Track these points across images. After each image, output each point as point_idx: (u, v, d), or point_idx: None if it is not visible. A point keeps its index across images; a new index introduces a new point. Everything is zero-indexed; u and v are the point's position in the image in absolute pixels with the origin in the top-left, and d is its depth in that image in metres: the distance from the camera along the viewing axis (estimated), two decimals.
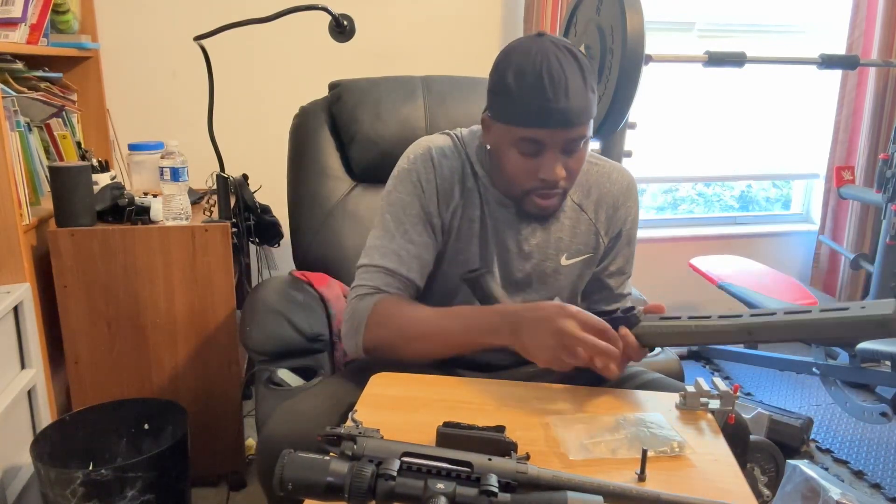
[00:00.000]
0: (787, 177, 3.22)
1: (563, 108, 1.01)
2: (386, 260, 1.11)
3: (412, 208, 1.13)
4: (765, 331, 0.86)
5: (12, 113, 1.58)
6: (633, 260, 1.29)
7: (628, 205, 1.23)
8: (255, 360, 1.48)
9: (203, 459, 1.81)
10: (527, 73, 1.01)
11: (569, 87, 1.01)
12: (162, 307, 1.73)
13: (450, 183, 1.15)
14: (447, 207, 1.15)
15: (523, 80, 1.01)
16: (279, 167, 1.81)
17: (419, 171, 1.14)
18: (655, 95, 2.74)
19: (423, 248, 1.13)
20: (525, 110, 1.02)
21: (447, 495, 0.60)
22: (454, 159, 1.16)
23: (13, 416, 1.50)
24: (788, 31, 2.91)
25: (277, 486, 0.62)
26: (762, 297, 2.24)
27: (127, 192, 1.78)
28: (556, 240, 1.19)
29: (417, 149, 1.17)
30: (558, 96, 1.00)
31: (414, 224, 1.13)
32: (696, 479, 0.81)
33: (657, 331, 0.96)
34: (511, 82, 1.02)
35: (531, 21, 2.44)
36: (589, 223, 1.21)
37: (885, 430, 2.26)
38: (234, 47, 2.21)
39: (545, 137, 1.04)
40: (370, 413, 0.93)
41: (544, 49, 1.02)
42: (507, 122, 1.05)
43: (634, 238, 1.27)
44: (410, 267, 1.12)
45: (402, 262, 1.11)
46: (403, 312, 1.08)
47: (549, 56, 1.01)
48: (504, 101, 1.04)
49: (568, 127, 1.03)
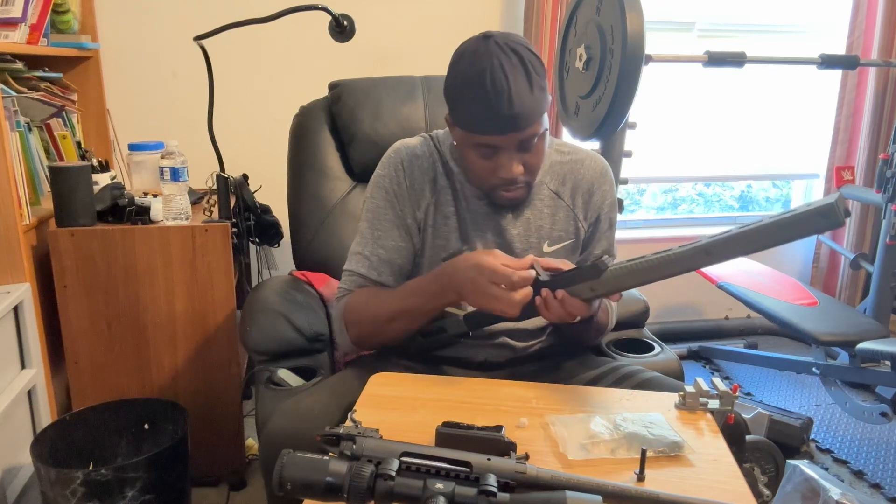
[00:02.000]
0: (787, 177, 3.22)
1: (509, 115, 1.04)
2: (359, 266, 1.20)
3: (385, 214, 1.19)
4: (722, 247, 0.88)
5: (12, 113, 1.58)
6: (614, 244, 1.32)
7: (604, 189, 1.26)
8: (255, 360, 1.48)
9: (203, 459, 1.81)
10: (472, 82, 1.04)
11: (512, 92, 1.03)
12: (162, 307, 1.73)
13: (420, 183, 1.19)
14: (420, 207, 1.20)
15: (469, 90, 1.05)
16: (279, 167, 1.81)
17: (390, 177, 1.20)
18: (655, 95, 2.74)
19: (394, 252, 1.19)
20: (473, 118, 1.06)
21: (446, 495, 0.60)
22: (425, 159, 1.21)
23: (13, 416, 1.50)
24: (788, 31, 2.91)
25: (277, 486, 0.62)
26: (762, 297, 2.24)
27: (127, 192, 1.78)
28: (536, 228, 1.22)
29: (389, 153, 1.23)
30: (501, 104, 1.03)
31: (387, 230, 1.19)
32: (695, 479, 0.81)
33: (621, 272, 0.96)
34: (458, 90, 1.07)
35: (531, 21, 2.44)
36: (567, 210, 1.24)
37: (885, 430, 2.26)
38: (234, 47, 2.21)
39: (497, 141, 1.07)
40: (369, 413, 0.93)
41: (489, 54, 1.04)
42: (462, 126, 1.09)
43: (615, 221, 1.30)
44: (381, 272, 1.19)
45: (372, 268, 1.19)
46: (369, 304, 1.16)
47: (493, 61, 1.03)
48: (456, 107, 1.09)
49: (517, 130, 1.06)
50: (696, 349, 2.79)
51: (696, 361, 2.78)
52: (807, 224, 0.83)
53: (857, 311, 2.43)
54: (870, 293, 2.45)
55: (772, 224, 0.85)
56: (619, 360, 1.32)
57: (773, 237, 0.85)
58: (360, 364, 1.25)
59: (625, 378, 1.17)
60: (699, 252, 0.90)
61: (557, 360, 1.27)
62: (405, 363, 1.21)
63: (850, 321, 2.16)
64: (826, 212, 0.81)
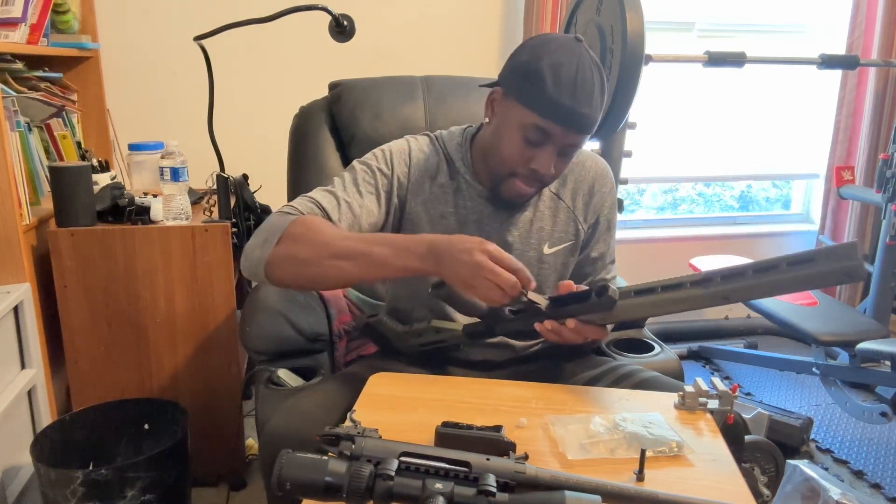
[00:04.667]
0: (787, 177, 3.22)
1: (583, 114, 1.05)
2: (324, 200, 1.11)
3: (374, 178, 1.16)
4: (739, 294, 0.89)
5: (12, 113, 1.59)
6: (613, 246, 1.32)
7: (604, 190, 1.27)
8: (255, 360, 1.48)
9: (203, 459, 1.81)
10: (563, 69, 1.04)
11: (593, 96, 1.05)
12: (162, 307, 1.73)
13: (421, 175, 1.19)
14: (415, 197, 1.18)
15: (559, 75, 1.04)
16: (279, 167, 1.81)
17: (394, 153, 1.19)
18: (655, 95, 2.74)
19: (363, 211, 1.13)
20: (547, 101, 1.04)
21: (445, 495, 0.60)
22: (431, 156, 1.21)
23: (13, 416, 1.50)
24: (788, 31, 2.91)
25: (276, 486, 0.62)
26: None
27: (127, 192, 1.78)
28: (537, 230, 1.22)
29: (398, 140, 1.23)
30: (583, 102, 1.04)
31: (368, 191, 1.15)
32: (694, 479, 0.81)
33: (633, 306, 0.96)
34: (546, 71, 1.04)
35: (531, 21, 2.44)
36: (568, 211, 1.24)
37: (885, 430, 2.25)
38: (234, 47, 2.21)
39: (555, 133, 1.07)
40: (368, 413, 0.93)
41: (581, 54, 1.06)
42: (528, 105, 1.06)
43: (614, 224, 1.30)
44: (342, 216, 1.10)
45: (335, 208, 1.10)
46: (329, 229, 1.05)
47: (585, 62, 1.05)
48: (532, 85, 1.05)
49: (578, 132, 1.07)
50: (696, 349, 2.79)
51: (696, 361, 2.78)
52: (827, 279, 0.85)
53: (857, 311, 2.43)
54: (870, 293, 2.45)
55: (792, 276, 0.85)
56: (618, 360, 1.33)
57: (792, 286, 0.87)
58: (361, 364, 1.25)
59: (624, 378, 1.17)
60: (716, 296, 0.90)
61: (557, 360, 1.27)
62: (405, 363, 1.21)
63: (850, 321, 2.16)
64: (850, 272, 0.82)
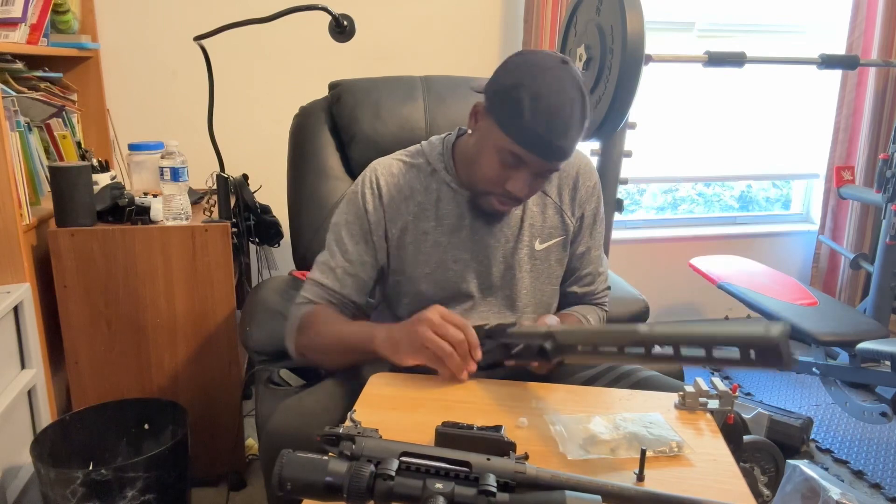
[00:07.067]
0: (787, 177, 3.22)
1: (558, 146, 1.05)
2: (323, 276, 1.21)
3: (353, 228, 1.21)
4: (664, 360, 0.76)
5: (12, 113, 1.58)
6: (600, 239, 1.32)
7: (588, 185, 1.28)
8: (255, 360, 1.48)
9: (203, 459, 1.81)
10: (541, 100, 1.02)
11: (571, 128, 1.05)
12: (162, 307, 1.73)
13: (395, 199, 1.20)
14: (394, 224, 1.20)
15: (536, 106, 1.02)
16: (279, 167, 1.81)
17: (362, 195, 1.21)
18: (655, 95, 2.74)
19: (359, 266, 1.21)
20: (524, 130, 1.04)
21: (445, 495, 0.60)
22: (403, 175, 1.22)
23: (13, 416, 1.50)
24: (788, 31, 2.91)
25: (276, 486, 0.62)
26: (762, 297, 2.24)
27: (127, 192, 1.78)
28: (528, 227, 1.23)
29: (365, 172, 1.24)
30: (559, 134, 1.04)
31: (355, 244, 1.21)
32: (694, 479, 0.81)
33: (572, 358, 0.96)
34: (525, 101, 1.02)
35: (531, 21, 2.44)
36: (555, 206, 1.26)
37: (885, 430, 2.26)
38: (234, 47, 2.21)
39: (530, 161, 1.07)
40: (369, 413, 0.93)
41: (563, 81, 1.04)
42: (505, 130, 1.06)
43: (600, 218, 1.31)
44: (344, 284, 1.20)
45: (336, 280, 1.20)
46: (319, 325, 1.17)
47: (566, 91, 1.03)
48: (510, 111, 1.04)
49: (553, 161, 1.08)
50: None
51: None
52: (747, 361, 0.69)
53: (857, 311, 2.43)
54: (870, 293, 2.45)
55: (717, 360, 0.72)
56: None
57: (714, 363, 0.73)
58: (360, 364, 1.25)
59: (623, 377, 1.17)
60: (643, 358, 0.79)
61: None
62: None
63: (849, 321, 2.16)
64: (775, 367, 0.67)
